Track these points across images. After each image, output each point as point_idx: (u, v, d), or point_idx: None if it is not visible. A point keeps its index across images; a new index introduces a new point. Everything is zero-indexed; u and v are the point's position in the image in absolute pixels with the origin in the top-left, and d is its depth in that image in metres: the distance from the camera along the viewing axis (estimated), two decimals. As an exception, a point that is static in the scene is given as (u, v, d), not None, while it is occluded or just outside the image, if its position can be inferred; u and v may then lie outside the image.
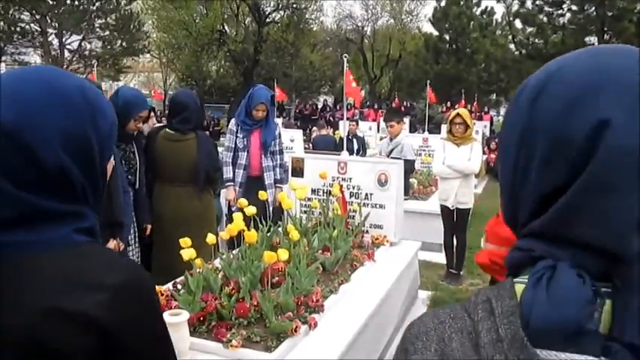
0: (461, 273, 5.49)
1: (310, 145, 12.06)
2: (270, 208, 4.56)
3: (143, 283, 0.86)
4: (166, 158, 3.84)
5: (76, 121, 0.85)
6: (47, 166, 0.83)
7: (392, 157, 5.57)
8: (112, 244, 3.03)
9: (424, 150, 8.51)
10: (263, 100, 4.60)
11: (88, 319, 0.77)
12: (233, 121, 4.78)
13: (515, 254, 0.65)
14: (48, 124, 0.83)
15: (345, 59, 4.69)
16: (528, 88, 0.69)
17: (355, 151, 10.09)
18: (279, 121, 15.64)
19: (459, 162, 5.16)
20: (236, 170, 4.67)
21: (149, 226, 3.69)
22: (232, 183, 4.63)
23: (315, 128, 15.23)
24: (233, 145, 4.69)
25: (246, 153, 4.63)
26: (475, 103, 23.48)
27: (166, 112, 4.09)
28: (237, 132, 4.67)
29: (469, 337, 0.61)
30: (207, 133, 15.09)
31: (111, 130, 0.91)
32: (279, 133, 4.79)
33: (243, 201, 3.24)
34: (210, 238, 2.84)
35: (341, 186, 4.17)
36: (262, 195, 3.68)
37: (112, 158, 0.95)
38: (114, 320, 0.79)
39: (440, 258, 5.91)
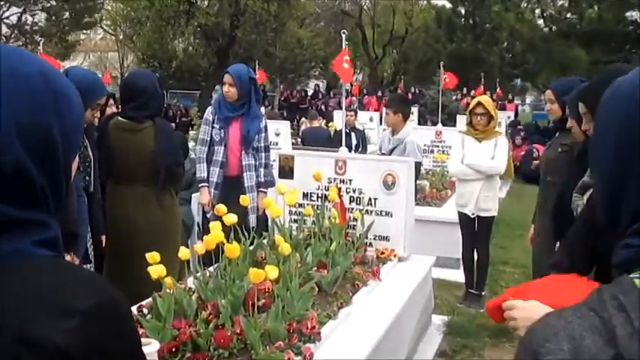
0: (483, 293, 5.52)
1: (299, 139, 12.16)
2: (252, 216, 4.56)
3: (118, 305, 0.86)
4: (118, 152, 3.83)
5: (37, 111, 0.85)
6: (0, 165, 0.83)
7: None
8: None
9: (437, 146, 8.55)
10: (230, 71, 4.64)
11: (53, 347, 0.77)
12: (209, 109, 4.80)
13: (626, 252, 0.80)
14: (2, 115, 0.83)
15: (343, 35, 4.70)
16: (631, 87, 0.83)
17: (354, 147, 10.16)
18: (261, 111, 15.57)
19: (481, 160, 5.19)
20: (211, 168, 4.67)
21: (104, 237, 3.68)
22: (206, 184, 4.65)
23: (304, 119, 15.35)
24: (208, 138, 4.70)
25: (222, 148, 4.64)
26: (497, 89, 23.63)
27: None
28: (213, 122, 4.68)
29: (600, 333, 0.72)
30: (174, 125, 14.99)
31: (78, 122, 0.91)
32: (266, 126, 4.80)
33: (222, 207, 3.24)
34: (183, 252, 2.83)
35: (339, 189, 4.18)
36: (244, 200, 3.69)
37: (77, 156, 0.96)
38: (83, 350, 0.79)
39: (457, 276, 5.94)
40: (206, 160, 4.68)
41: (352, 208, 4.20)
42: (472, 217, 5.29)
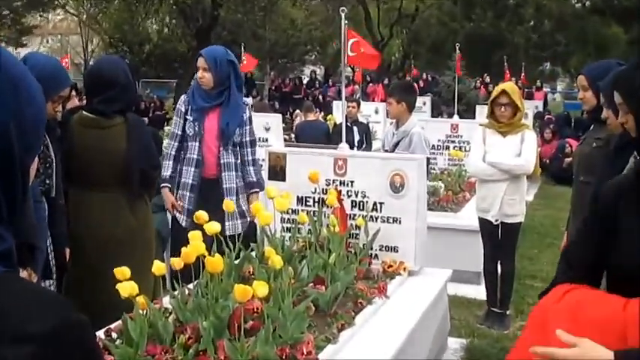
0: (507, 312, 5.53)
1: (293, 134, 12.17)
2: (231, 223, 4.56)
3: (80, 330, 0.86)
4: (82, 152, 3.82)
5: None
6: None
7: (399, 151, 5.61)
8: (21, 275, 3.02)
9: (452, 141, 8.57)
10: (204, 53, 4.65)
11: None
12: (182, 98, 4.82)
13: None
14: None
15: (342, 14, 4.71)
16: None
17: (356, 144, 10.17)
18: (248, 101, 15.59)
19: (506, 158, 5.21)
20: (184, 168, 4.68)
21: (67, 250, 3.67)
22: (168, 184, 4.67)
23: (298, 111, 15.35)
24: (179, 132, 4.71)
25: (197, 143, 4.65)
26: (522, 74, 23.71)
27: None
28: (186, 112, 4.70)
29: None
30: (146, 119, 15.02)
31: (38, 117, 0.91)
32: (250, 118, 4.82)
33: (203, 214, 3.25)
34: (158, 267, 2.84)
35: (339, 192, 4.19)
36: (228, 206, 3.71)
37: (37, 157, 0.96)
38: None
39: (477, 292, 5.96)
40: (175, 157, 4.69)
41: (354, 215, 4.20)
42: (495, 223, 5.31)
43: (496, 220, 5.29)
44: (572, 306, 1.67)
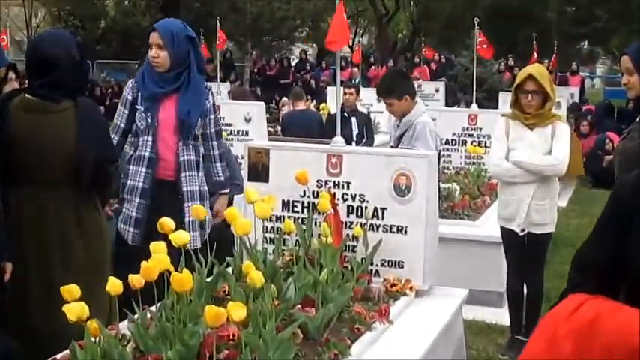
0: (534, 341, 5.55)
1: (279, 127, 12.17)
2: (196, 234, 4.58)
3: None
4: (26, 142, 3.81)
5: None
6: None
7: (404, 147, 5.63)
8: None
9: (470, 135, 8.60)
10: (158, 27, 4.65)
11: None
12: (130, 83, 4.81)
13: None
14: None
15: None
16: None
17: (355, 137, 10.20)
18: (223, 87, 15.68)
19: (534, 156, 5.22)
20: (132, 168, 4.67)
21: (9, 265, 3.65)
22: None
23: (285, 99, 15.32)
24: (123, 125, 4.71)
25: (150, 138, 4.64)
26: (554, 56, 23.77)
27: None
28: (135, 101, 4.69)
29: None
30: (103, 108, 14.97)
31: None
32: (213, 105, 4.83)
33: (168, 222, 3.25)
34: (114, 285, 2.84)
35: (333, 196, 4.20)
36: (198, 212, 3.71)
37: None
38: None
39: (499, 316, 5.99)
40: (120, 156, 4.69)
41: (351, 223, 4.22)
42: (521, 234, 5.32)
43: (522, 231, 5.30)
44: (587, 323, 1.69)
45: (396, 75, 6.52)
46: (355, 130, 10.32)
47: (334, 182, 4.28)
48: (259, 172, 4.38)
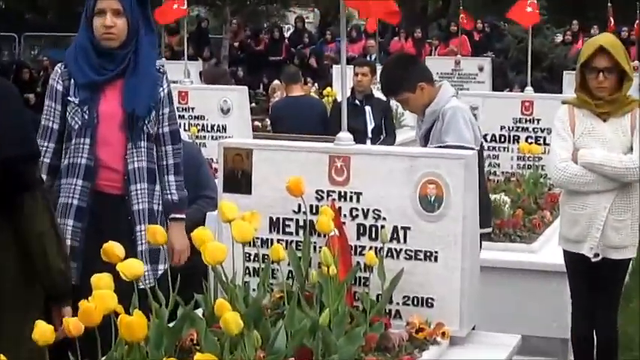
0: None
1: (268, 120, 12.08)
2: (151, 268, 4.56)
3: None
4: None
5: None
6: None
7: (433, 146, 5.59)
8: None
9: (525, 128, 8.59)
10: None
11: None
12: (57, 69, 4.77)
13: None
14: None
15: None
16: None
17: (370, 133, 10.13)
18: (192, 67, 15.46)
19: (611, 155, 5.21)
20: (64, 181, 4.65)
21: None
22: None
23: (277, 82, 15.17)
24: (57, 126, 4.67)
25: (88, 140, 4.63)
26: (637, 22, 23.71)
27: None
28: (67, 91, 4.67)
29: None
30: (33, 96, 15.02)
31: None
32: (169, 94, 4.83)
33: (115, 247, 3.26)
34: (41, 332, 2.85)
35: (337, 211, 4.21)
36: (155, 235, 3.70)
37: None
38: None
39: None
40: (52, 168, 4.64)
41: (362, 247, 4.22)
42: (593, 260, 5.30)
43: (595, 256, 5.28)
44: None
45: (397, 65, 6.35)
46: (370, 124, 10.26)
47: (339, 193, 4.28)
48: (239, 180, 4.39)
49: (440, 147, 5.18)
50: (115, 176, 4.63)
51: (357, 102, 10.15)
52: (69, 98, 4.63)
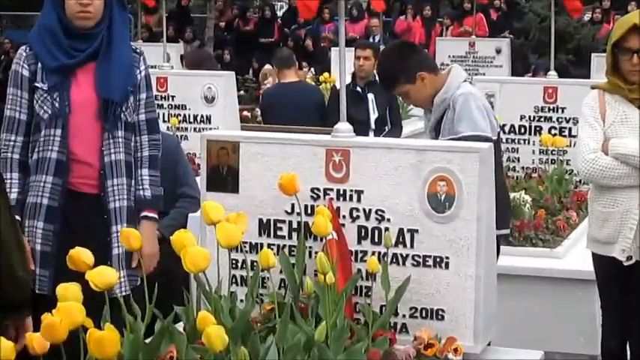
0: None
1: (259, 109, 12.06)
2: (128, 274, 4.57)
3: None
4: None
5: None
6: None
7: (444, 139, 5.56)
8: None
9: (548, 118, 8.59)
10: None
11: None
12: (21, 52, 4.76)
13: None
14: None
15: None
16: None
17: (373, 124, 10.11)
18: (172, 50, 15.48)
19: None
20: (34, 178, 4.65)
21: None
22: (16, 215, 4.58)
23: (269, 67, 15.16)
24: (25, 117, 4.67)
25: (59, 130, 4.64)
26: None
27: None
28: (34, 76, 4.67)
29: None
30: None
31: None
32: (147, 77, 4.85)
33: (83, 254, 3.25)
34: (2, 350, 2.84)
35: (336, 211, 4.21)
36: (129, 238, 3.69)
37: None
38: None
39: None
40: (22, 164, 4.64)
41: (364, 252, 4.22)
42: (626, 264, 5.30)
43: (628, 259, 5.27)
44: None
45: (392, 55, 6.30)
46: (373, 114, 10.26)
47: (338, 191, 4.27)
48: (224, 177, 4.38)
49: (453, 139, 5.17)
50: (90, 172, 4.63)
51: (358, 89, 10.15)
52: (36, 84, 4.63)
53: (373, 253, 4.17)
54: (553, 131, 8.40)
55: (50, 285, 4.36)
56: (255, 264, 4.05)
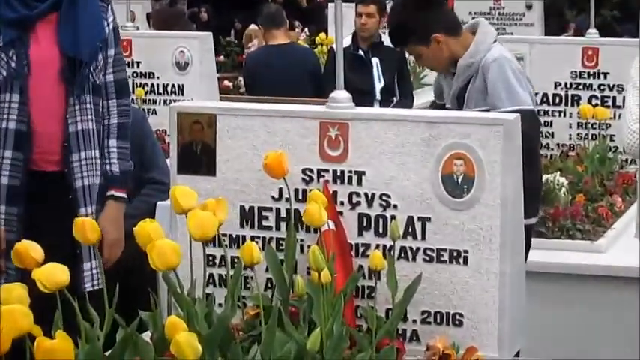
0: None
1: (240, 78, 12.02)
2: (89, 269, 4.59)
3: None
4: None
5: None
6: None
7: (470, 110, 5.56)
8: None
9: (587, 85, 8.60)
10: None
11: None
12: None
13: None
14: None
15: None
16: None
17: (378, 93, 10.08)
18: (138, 7, 15.30)
19: None
20: None
21: None
22: None
23: (254, 27, 15.10)
24: None
25: (17, 95, 4.67)
26: None
27: None
28: None
29: None
30: None
31: None
32: (115, 31, 4.90)
33: (30, 247, 3.26)
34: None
35: (331, 196, 4.23)
36: (85, 230, 3.73)
37: None
38: None
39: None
40: None
41: (366, 245, 4.23)
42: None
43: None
44: None
45: (407, 5, 6.28)
46: (379, 82, 10.27)
47: (334, 173, 4.28)
48: (198, 157, 4.39)
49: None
50: (52, 145, 4.66)
51: (360, 52, 10.16)
52: None
53: (377, 247, 4.18)
54: (594, 101, 8.41)
55: (18, 277, 4.36)
56: (236, 260, 4.07)
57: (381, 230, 4.22)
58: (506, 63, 5.44)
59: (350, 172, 4.25)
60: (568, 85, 8.49)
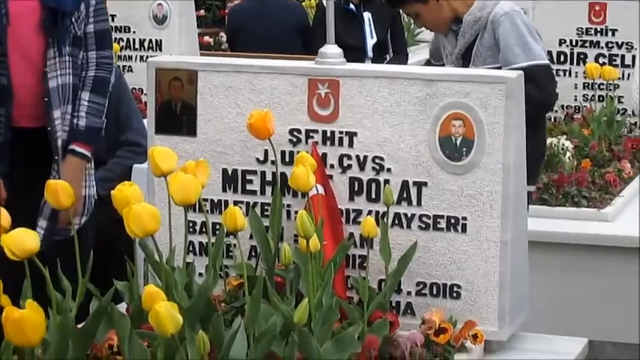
0: None
1: (222, 34, 12.01)
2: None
3: None
4: None
5: None
6: None
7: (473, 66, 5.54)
8: None
9: (595, 43, 8.59)
10: None
11: None
12: None
13: None
14: None
15: None
16: None
17: (370, 51, 10.08)
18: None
19: None
20: None
21: None
22: None
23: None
24: None
25: None
26: None
27: None
28: None
29: None
30: None
31: None
32: None
33: (2, 213, 3.26)
34: None
35: (320, 158, 4.22)
36: (58, 192, 3.72)
37: None
38: None
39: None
40: None
41: (358, 212, 4.23)
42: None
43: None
44: None
45: None
46: (371, 38, 10.26)
47: (324, 133, 4.28)
48: (178, 116, 4.38)
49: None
50: (31, 100, 4.67)
51: (351, 6, 10.13)
52: None
53: (369, 213, 4.18)
54: (601, 59, 8.40)
55: None
56: (218, 227, 4.07)
57: (373, 195, 4.22)
58: (517, 16, 5.44)
59: (340, 132, 4.25)
60: (574, 43, 8.48)
